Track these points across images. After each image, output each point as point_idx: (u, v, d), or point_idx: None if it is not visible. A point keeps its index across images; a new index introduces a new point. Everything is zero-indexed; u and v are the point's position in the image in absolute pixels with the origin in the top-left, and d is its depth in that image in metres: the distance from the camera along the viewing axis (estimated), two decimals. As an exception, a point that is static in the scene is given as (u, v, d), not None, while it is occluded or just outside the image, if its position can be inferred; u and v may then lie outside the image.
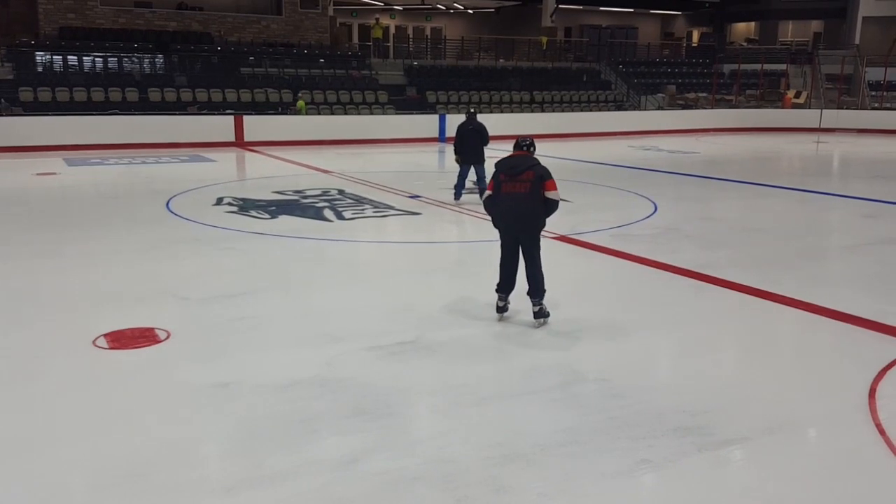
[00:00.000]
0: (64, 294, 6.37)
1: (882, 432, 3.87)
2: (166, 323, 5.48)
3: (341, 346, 5.11)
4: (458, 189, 11.01)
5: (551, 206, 5.43)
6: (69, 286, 6.62)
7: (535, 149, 5.65)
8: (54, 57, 20.83)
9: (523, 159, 5.47)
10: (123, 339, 5.17)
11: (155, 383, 4.52)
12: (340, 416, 4.06)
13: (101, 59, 21.32)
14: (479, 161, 10.71)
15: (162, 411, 4.15)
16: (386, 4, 33.58)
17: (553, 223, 8.18)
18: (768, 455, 3.69)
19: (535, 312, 5.57)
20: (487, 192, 5.60)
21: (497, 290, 5.70)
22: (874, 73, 29.32)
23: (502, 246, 5.67)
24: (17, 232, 8.98)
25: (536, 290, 5.54)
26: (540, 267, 5.56)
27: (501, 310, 5.71)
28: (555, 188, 5.39)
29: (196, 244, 8.35)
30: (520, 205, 5.36)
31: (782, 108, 28.44)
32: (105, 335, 5.21)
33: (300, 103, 21.04)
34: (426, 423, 4.16)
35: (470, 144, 10.71)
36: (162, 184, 12.63)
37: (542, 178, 5.35)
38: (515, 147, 5.65)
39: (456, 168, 11.01)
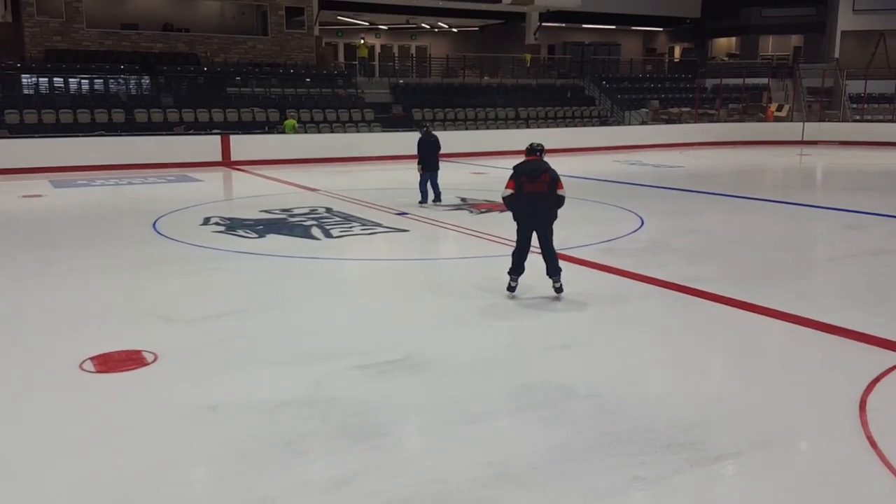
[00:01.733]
0: (50, 317, 6.30)
1: (874, 445, 3.87)
2: (153, 345, 5.42)
3: (330, 365, 5.08)
4: (424, 194, 12.36)
5: (561, 201, 6.52)
6: (55, 309, 6.55)
7: (545, 153, 6.58)
8: (40, 79, 20.75)
9: (538, 163, 6.44)
10: (110, 363, 5.11)
11: (142, 407, 4.46)
12: (329, 437, 4.03)
13: (87, 81, 21.26)
14: (436, 168, 12.37)
15: (149, 435, 4.09)
16: (371, 24, 33.76)
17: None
18: (761, 470, 3.68)
19: (556, 288, 6.63)
20: (509, 191, 6.44)
21: (510, 273, 6.69)
22: (854, 86, 29.75)
23: (519, 237, 6.63)
24: (1, 254, 8.88)
25: (554, 270, 6.61)
26: (554, 251, 6.62)
27: (512, 289, 6.71)
28: (563, 187, 6.49)
29: (183, 264, 8.30)
30: (540, 201, 6.42)
31: (765, 121, 28.76)
32: (92, 358, 5.15)
33: (290, 122, 20.61)
34: (417, 442, 4.13)
35: (431, 155, 12.19)
36: (148, 204, 12.57)
37: (556, 179, 6.40)
38: (529, 152, 6.54)
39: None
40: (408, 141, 21.76)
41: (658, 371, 5.21)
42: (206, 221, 10.76)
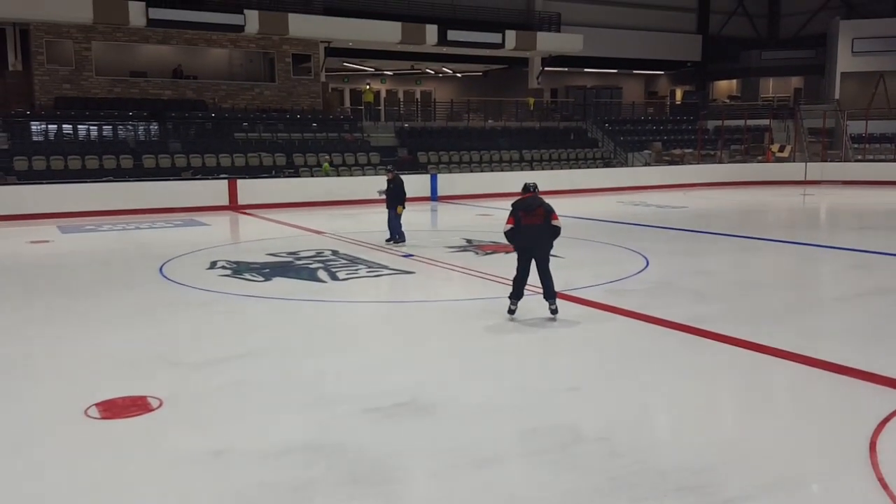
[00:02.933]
0: (56, 362, 6.31)
1: (885, 486, 3.82)
2: (159, 390, 5.41)
3: (336, 409, 5.05)
4: (402, 232, 12.64)
5: (557, 231, 7.33)
6: (61, 354, 6.55)
7: (538, 189, 7.42)
8: (49, 126, 21.10)
9: (534, 199, 7.28)
10: (115, 409, 5.09)
11: (147, 453, 4.43)
12: (335, 484, 3.99)
13: (95, 128, 21.61)
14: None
15: (154, 482, 4.06)
16: (376, 70, 34.37)
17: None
18: (772, 513, 3.63)
19: (552, 310, 7.33)
20: (510, 226, 7.22)
21: (511, 298, 7.40)
22: (855, 127, 29.99)
23: (519, 266, 7.32)
24: (9, 300, 8.92)
25: (551, 293, 7.33)
26: (551, 276, 7.31)
27: (512, 312, 7.40)
28: (557, 218, 7.31)
29: (189, 309, 8.31)
30: (538, 232, 7.23)
31: (764, 162, 28.93)
32: (97, 404, 5.13)
33: (325, 166, 21.91)
34: (423, 488, 4.08)
35: (405, 195, 12.64)
36: (155, 249, 12.65)
37: (550, 212, 7.24)
38: (524, 190, 7.41)
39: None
40: (414, 183, 22.00)
41: (666, 413, 5.17)
42: (213, 265, 10.82)
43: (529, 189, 7.37)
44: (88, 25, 22.40)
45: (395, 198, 12.56)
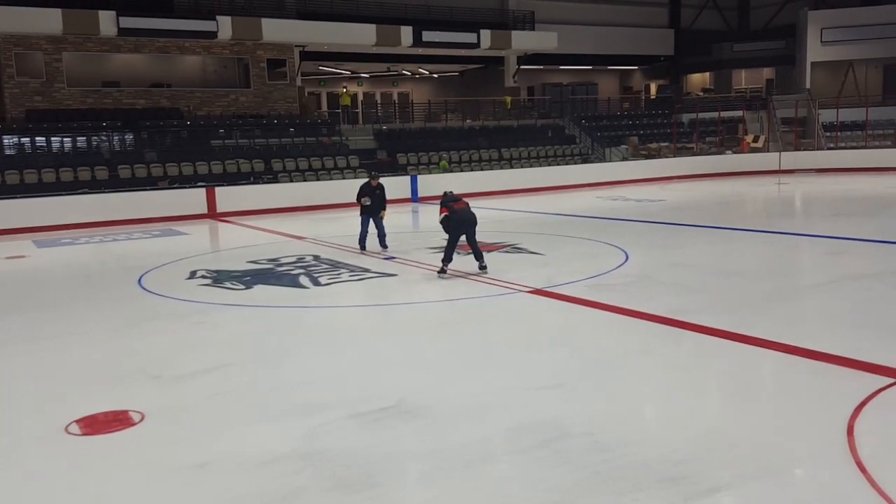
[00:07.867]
0: (35, 379, 6.23)
1: (863, 470, 3.89)
2: (140, 404, 5.37)
3: (321, 416, 5.05)
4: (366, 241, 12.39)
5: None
6: (40, 371, 6.48)
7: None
8: (22, 139, 20.81)
9: (455, 196, 9.92)
10: (96, 425, 5.05)
11: (130, 469, 4.40)
12: (323, 491, 3.99)
13: (69, 139, 21.35)
14: None
15: (138, 497, 4.04)
16: (353, 73, 34.29)
17: (528, 277, 8.29)
18: (754, 501, 3.68)
19: (481, 266, 9.74)
20: (445, 214, 9.70)
21: (444, 262, 9.72)
22: (827, 115, 30.41)
23: (452, 239, 9.67)
24: (-14, 318, 8.80)
25: (479, 256, 9.78)
26: (478, 244, 9.83)
27: (444, 272, 9.72)
28: None
29: (169, 320, 8.25)
30: (467, 213, 9.72)
31: (741, 152, 29.26)
32: (77, 421, 5.08)
33: (443, 163, 23.01)
34: (411, 491, 4.10)
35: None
36: (134, 260, 12.53)
37: (467, 203, 9.85)
38: (445, 194, 9.99)
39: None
40: (394, 185, 21.97)
41: (649, 405, 5.22)
42: (193, 275, 10.74)
43: (448, 192, 9.99)
44: (58, 36, 22.13)
45: (381, 203, 12.37)
